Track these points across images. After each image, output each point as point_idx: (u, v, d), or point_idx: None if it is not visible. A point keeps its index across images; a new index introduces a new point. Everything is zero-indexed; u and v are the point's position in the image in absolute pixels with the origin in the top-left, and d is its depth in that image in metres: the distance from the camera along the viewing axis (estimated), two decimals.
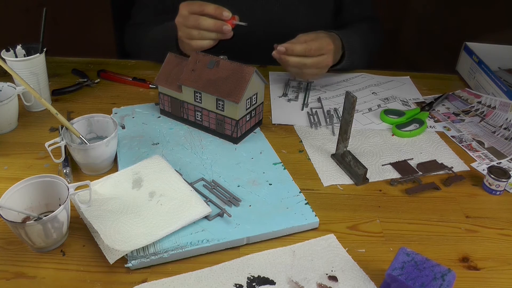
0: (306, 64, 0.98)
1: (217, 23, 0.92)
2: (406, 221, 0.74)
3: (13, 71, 0.82)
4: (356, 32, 1.13)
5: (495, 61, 1.13)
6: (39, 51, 0.94)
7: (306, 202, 0.75)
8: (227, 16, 0.92)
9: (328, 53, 0.99)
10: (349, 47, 1.07)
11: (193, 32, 0.94)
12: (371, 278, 0.63)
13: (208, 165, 0.83)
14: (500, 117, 0.99)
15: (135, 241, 0.65)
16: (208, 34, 0.94)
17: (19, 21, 1.74)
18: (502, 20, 1.72)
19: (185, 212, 0.70)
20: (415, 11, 1.95)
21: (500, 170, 0.80)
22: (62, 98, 1.03)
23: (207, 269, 0.64)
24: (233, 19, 0.93)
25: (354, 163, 0.82)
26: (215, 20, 0.93)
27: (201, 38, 0.95)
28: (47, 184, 0.69)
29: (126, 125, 0.93)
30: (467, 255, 0.69)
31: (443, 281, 0.56)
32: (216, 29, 0.93)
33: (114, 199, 0.73)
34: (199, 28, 0.93)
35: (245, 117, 0.88)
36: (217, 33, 0.94)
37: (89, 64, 1.17)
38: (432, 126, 0.98)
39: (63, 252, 0.66)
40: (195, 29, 0.94)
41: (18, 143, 0.88)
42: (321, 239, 0.70)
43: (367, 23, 1.21)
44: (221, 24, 0.92)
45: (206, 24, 0.92)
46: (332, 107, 1.03)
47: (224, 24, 0.92)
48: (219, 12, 0.92)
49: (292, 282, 0.62)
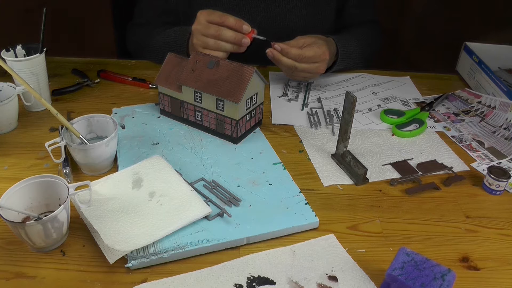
0: (297, 68, 0.99)
1: (237, 35, 0.93)
2: (406, 221, 0.74)
3: (13, 71, 0.82)
4: (354, 37, 1.13)
5: (495, 61, 1.13)
6: (39, 51, 0.94)
7: (306, 202, 0.75)
8: (247, 30, 0.93)
9: (322, 61, 1.01)
10: (343, 52, 1.08)
11: (210, 42, 0.95)
12: (371, 278, 0.63)
13: (208, 165, 0.83)
14: (500, 117, 0.99)
15: (135, 241, 0.65)
16: (225, 46, 0.95)
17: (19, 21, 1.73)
18: (502, 20, 1.72)
19: (185, 212, 0.70)
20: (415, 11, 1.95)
21: (500, 170, 0.80)
22: (62, 98, 1.03)
23: (207, 269, 0.64)
24: (252, 32, 0.94)
25: (354, 163, 0.82)
26: (235, 32, 0.94)
27: (216, 49, 0.95)
28: (47, 184, 0.69)
29: (126, 125, 0.93)
30: (467, 255, 0.69)
31: (443, 281, 0.56)
32: (236, 42, 0.94)
33: (114, 199, 0.73)
34: (219, 38, 0.94)
35: (245, 117, 0.88)
36: (233, 46, 0.95)
37: (89, 64, 1.17)
38: (432, 126, 0.98)
39: (63, 252, 0.66)
40: (213, 39, 0.94)
41: (18, 143, 0.88)
42: (321, 239, 0.70)
43: (367, 27, 1.21)
44: (241, 37, 0.94)
45: (226, 35, 0.93)
46: (332, 107, 1.03)
47: (244, 37, 0.94)
48: (239, 25, 0.93)
49: (292, 282, 0.62)
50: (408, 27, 1.97)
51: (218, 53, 0.96)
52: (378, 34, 1.25)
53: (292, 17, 1.14)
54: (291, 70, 1.00)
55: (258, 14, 1.12)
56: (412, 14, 1.96)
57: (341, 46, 1.07)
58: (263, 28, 0.98)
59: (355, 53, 1.12)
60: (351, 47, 1.11)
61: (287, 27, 1.14)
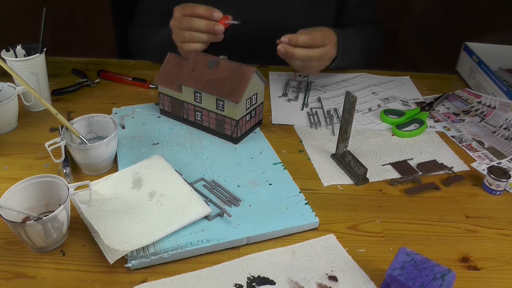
0: (312, 56, 0.96)
1: (210, 23, 0.92)
2: (406, 221, 0.74)
3: (13, 71, 0.82)
4: (355, 33, 1.12)
5: (495, 61, 1.13)
6: (39, 51, 0.94)
7: (306, 202, 0.75)
8: (218, 17, 0.92)
9: (331, 43, 0.99)
10: (344, 45, 1.06)
11: (186, 34, 0.94)
12: (371, 278, 0.63)
13: (208, 165, 0.83)
14: (500, 117, 0.99)
15: (135, 241, 0.65)
16: (200, 36, 0.94)
17: (19, 21, 1.74)
18: (502, 20, 1.72)
19: (185, 212, 0.70)
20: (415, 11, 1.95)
21: (500, 170, 0.80)
22: (62, 98, 1.03)
23: (207, 269, 0.64)
24: (226, 19, 0.93)
25: (354, 163, 0.82)
26: (208, 20, 0.92)
27: (193, 41, 0.94)
28: (47, 184, 0.69)
29: (126, 125, 0.93)
30: (467, 255, 0.69)
31: (443, 281, 0.56)
32: (209, 30, 0.92)
33: (114, 199, 0.73)
34: (192, 29, 0.93)
35: (245, 117, 0.88)
36: (209, 35, 0.94)
37: (89, 64, 1.17)
38: (432, 126, 0.98)
39: (63, 252, 0.66)
40: (188, 31, 0.94)
41: (18, 143, 0.88)
42: (321, 239, 0.70)
43: (367, 27, 1.21)
44: (214, 24, 0.92)
45: (198, 25, 0.92)
46: (332, 107, 1.03)
47: (216, 24, 0.92)
48: (209, 13, 0.92)
49: (292, 282, 0.62)
50: (408, 27, 1.97)
51: (196, 45, 0.95)
52: (379, 35, 1.25)
53: (292, 17, 1.14)
54: (305, 61, 0.98)
55: (258, 15, 1.12)
56: (412, 14, 1.96)
57: (342, 37, 1.05)
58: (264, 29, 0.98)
59: (356, 48, 1.10)
60: (351, 40, 1.08)
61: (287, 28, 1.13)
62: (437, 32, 1.81)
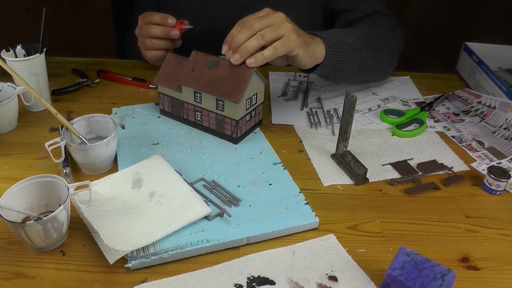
0: (263, 36, 0.80)
1: (165, 29, 0.96)
2: (406, 221, 0.74)
3: (13, 71, 0.82)
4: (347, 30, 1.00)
5: (495, 61, 1.13)
6: (39, 51, 0.94)
7: (306, 202, 0.75)
8: (171, 23, 0.95)
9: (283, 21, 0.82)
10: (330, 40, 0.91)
11: (146, 42, 0.98)
12: (371, 278, 0.63)
13: (208, 165, 0.83)
14: (500, 117, 0.99)
15: (135, 241, 0.65)
16: (158, 43, 0.97)
17: (19, 21, 1.73)
18: (502, 20, 1.72)
19: (185, 212, 0.70)
20: (415, 11, 1.95)
21: (500, 170, 0.80)
22: (62, 98, 1.04)
23: (207, 269, 0.64)
24: (181, 24, 0.97)
25: (354, 163, 0.82)
26: (163, 27, 0.96)
27: (152, 47, 0.98)
28: (47, 184, 0.69)
29: (126, 125, 0.93)
30: (467, 255, 0.69)
31: (443, 281, 0.56)
32: (164, 36, 0.96)
33: (114, 199, 0.73)
34: (150, 36, 0.96)
35: (245, 117, 0.88)
36: (166, 41, 0.97)
37: (89, 64, 1.17)
38: (432, 126, 0.98)
39: (63, 252, 0.66)
40: (148, 39, 0.97)
41: (18, 143, 0.88)
42: (321, 239, 0.70)
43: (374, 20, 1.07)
44: (169, 30, 0.96)
45: (155, 31, 0.96)
46: (332, 107, 1.03)
47: (171, 30, 0.96)
48: (164, 20, 0.95)
49: (292, 282, 0.62)
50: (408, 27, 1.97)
51: (157, 52, 0.98)
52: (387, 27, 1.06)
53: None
54: (275, 54, 0.81)
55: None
56: (412, 14, 1.96)
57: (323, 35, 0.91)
58: None
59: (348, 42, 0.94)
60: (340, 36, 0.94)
61: None
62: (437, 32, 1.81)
